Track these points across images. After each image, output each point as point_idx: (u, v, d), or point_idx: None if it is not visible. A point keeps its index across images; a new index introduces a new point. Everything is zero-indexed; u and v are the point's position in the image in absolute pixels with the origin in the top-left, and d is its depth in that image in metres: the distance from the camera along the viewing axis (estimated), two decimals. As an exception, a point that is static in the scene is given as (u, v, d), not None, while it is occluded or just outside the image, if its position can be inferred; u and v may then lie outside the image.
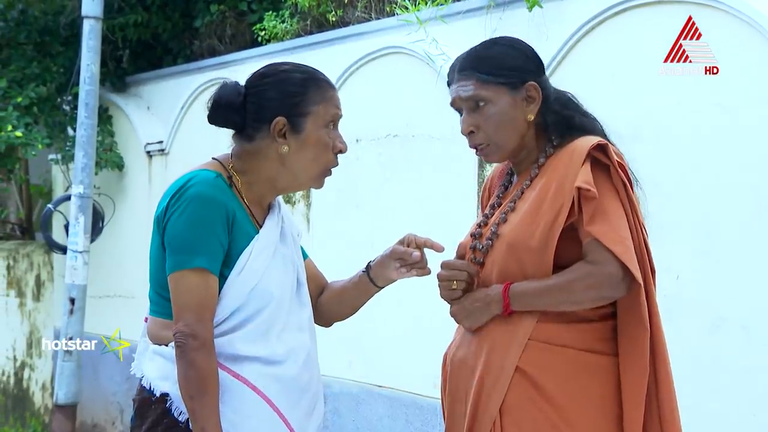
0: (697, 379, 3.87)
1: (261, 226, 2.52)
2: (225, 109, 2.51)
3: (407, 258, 2.59)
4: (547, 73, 4.44)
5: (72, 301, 6.39)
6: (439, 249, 2.57)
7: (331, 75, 5.60)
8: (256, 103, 2.50)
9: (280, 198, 2.63)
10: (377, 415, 5.34)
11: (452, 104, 2.58)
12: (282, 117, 2.47)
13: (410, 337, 5.13)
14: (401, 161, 5.24)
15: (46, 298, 8.65)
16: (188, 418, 2.40)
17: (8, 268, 9.21)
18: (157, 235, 2.46)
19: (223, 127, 2.57)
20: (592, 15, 4.30)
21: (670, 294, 3.96)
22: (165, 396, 2.44)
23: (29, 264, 8.93)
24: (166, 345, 2.45)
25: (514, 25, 4.65)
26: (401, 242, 2.62)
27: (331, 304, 2.73)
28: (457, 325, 2.60)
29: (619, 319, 2.45)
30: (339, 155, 2.58)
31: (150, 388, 2.47)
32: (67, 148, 7.37)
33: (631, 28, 4.18)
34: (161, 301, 2.47)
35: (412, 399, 5.09)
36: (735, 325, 3.76)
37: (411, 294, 4.88)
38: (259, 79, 2.54)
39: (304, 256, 2.73)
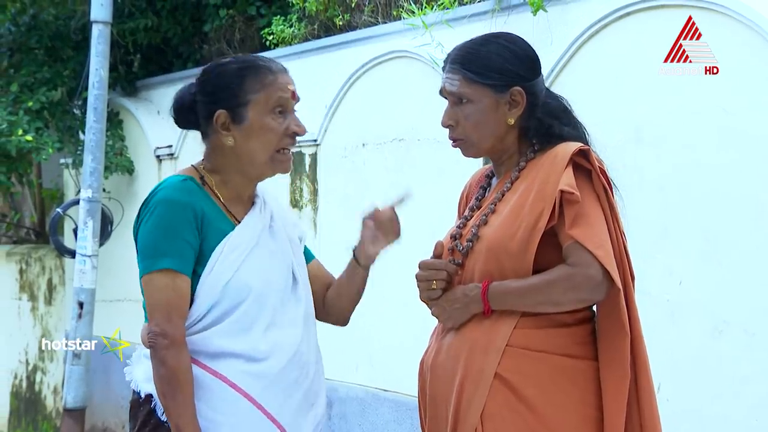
0: (700, 383, 3.86)
1: (240, 223, 2.54)
2: (180, 110, 2.57)
3: (376, 216, 2.66)
4: (552, 76, 4.46)
5: (80, 304, 6.41)
6: (406, 196, 2.66)
7: (338, 79, 5.67)
8: (201, 99, 2.53)
9: (267, 195, 2.64)
10: (383, 420, 5.33)
11: (440, 92, 2.59)
12: (222, 110, 2.49)
13: (417, 341, 5.11)
14: (407, 165, 5.24)
15: (57, 301, 8.69)
16: None
17: (21, 272, 9.25)
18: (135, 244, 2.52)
19: (187, 128, 2.62)
20: (596, 19, 4.29)
21: (672, 298, 3.95)
22: (150, 397, 2.48)
23: (41, 268, 8.98)
24: None
25: (518, 29, 4.63)
26: (370, 219, 2.69)
27: (332, 298, 2.75)
28: (431, 331, 2.61)
29: (599, 324, 2.45)
30: (296, 137, 2.57)
31: (137, 389, 2.52)
32: (78, 153, 7.40)
33: (635, 32, 4.16)
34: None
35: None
36: (738, 330, 3.74)
37: (418, 297, 4.86)
38: (202, 75, 2.57)
39: (311, 257, 2.76)
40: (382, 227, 2.68)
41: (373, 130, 5.47)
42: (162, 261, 2.40)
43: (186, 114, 2.56)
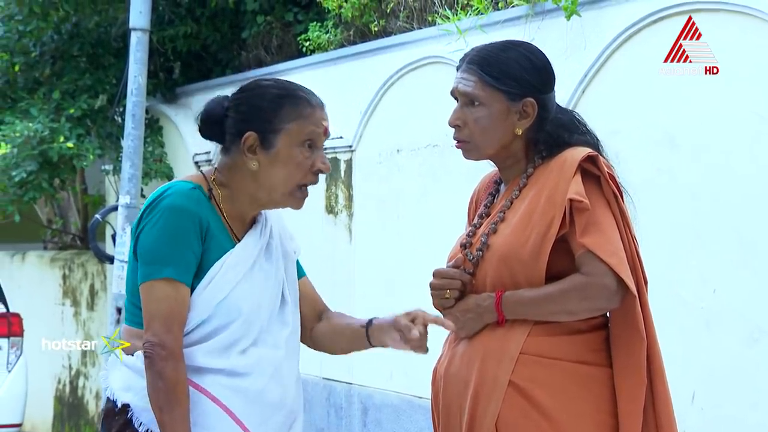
0: (735, 391, 3.81)
1: (239, 241, 2.48)
2: (208, 121, 2.50)
3: (406, 333, 2.46)
4: (585, 81, 4.44)
5: (119, 310, 6.47)
6: (449, 327, 2.45)
7: (373, 85, 5.68)
8: (232, 116, 2.46)
9: (270, 213, 2.58)
10: (418, 427, 5.32)
11: (451, 92, 2.56)
12: (253, 132, 2.43)
13: (450, 347, 5.11)
14: (441, 171, 5.23)
15: (99, 307, 8.77)
16: (148, 429, 2.37)
17: (64, 277, 9.36)
18: (132, 247, 2.46)
19: (210, 140, 2.55)
20: (631, 23, 4.26)
21: (707, 306, 3.90)
22: (126, 407, 2.41)
23: (84, 273, 9.07)
24: (132, 354, 2.43)
25: (552, 34, 4.63)
26: (408, 314, 2.48)
27: (325, 337, 2.65)
28: (444, 339, 2.59)
29: (613, 330, 2.43)
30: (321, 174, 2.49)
31: (113, 398, 2.44)
32: (118, 159, 7.47)
33: (669, 36, 4.12)
34: (134, 309, 2.46)
35: (452, 410, 5.07)
36: (773, 338, 3.69)
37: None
38: (239, 92, 2.51)
39: (302, 274, 2.67)
40: (411, 337, 2.46)
41: (407, 136, 5.47)
42: (165, 270, 2.35)
43: (213, 126, 2.49)
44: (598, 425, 2.37)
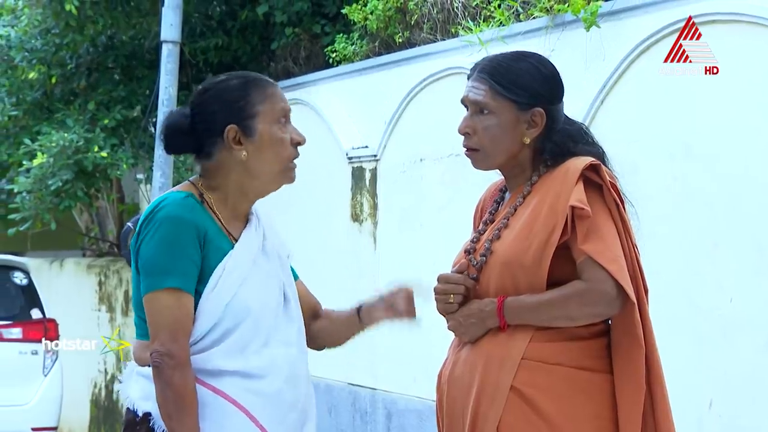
0: (753, 399, 3.82)
1: (237, 241, 2.53)
2: (175, 135, 2.55)
3: (395, 306, 2.63)
4: (604, 91, 4.48)
5: (150, 316, 6.57)
6: (424, 294, 2.60)
7: (397, 95, 5.76)
8: (203, 120, 2.52)
9: (261, 213, 2.64)
10: (441, 432, 5.38)
11: (462, 100, 2.60)
12: (232, 125, 2.49)
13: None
14: (463, 180, 5.28)
15: (133, 313, 8.91)
16: None
17: (100, 284, 9.52)
18: (133, 261, 2.51)
19: (181, 153, 2.62)
20: (649, 34, 4.30)
21: (724, 313, 3.93)
22: (148, 415, 2.46)
23: (119, 280, 9.23)
24: (148, 365, 2.47)
25: (572, 45, 4.68)
26: (392, 291, 2.65)
27: (323, 332, 2.72)
28: (450, 344, 2.64)
29: (613, 337, 2.46)
30: (299, 147, 2.57)
31: (134, 408, 2.49)
32: (151, 168, 7.60)
33: (687, 46, 4.16)
34: (142, 323, 2.50)
35: (475, 416, 5.12)
36: (788, 345, 3.71)
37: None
38: (200, 96, 2.56)
39: (295, 277, 2.72)
40: (399, 304, 2.65)
41: (430, 146, 5.54)
42: (168, 280, 2.39)
43: (181, 138, 2.54)
44: (598, 430, 2.40)
